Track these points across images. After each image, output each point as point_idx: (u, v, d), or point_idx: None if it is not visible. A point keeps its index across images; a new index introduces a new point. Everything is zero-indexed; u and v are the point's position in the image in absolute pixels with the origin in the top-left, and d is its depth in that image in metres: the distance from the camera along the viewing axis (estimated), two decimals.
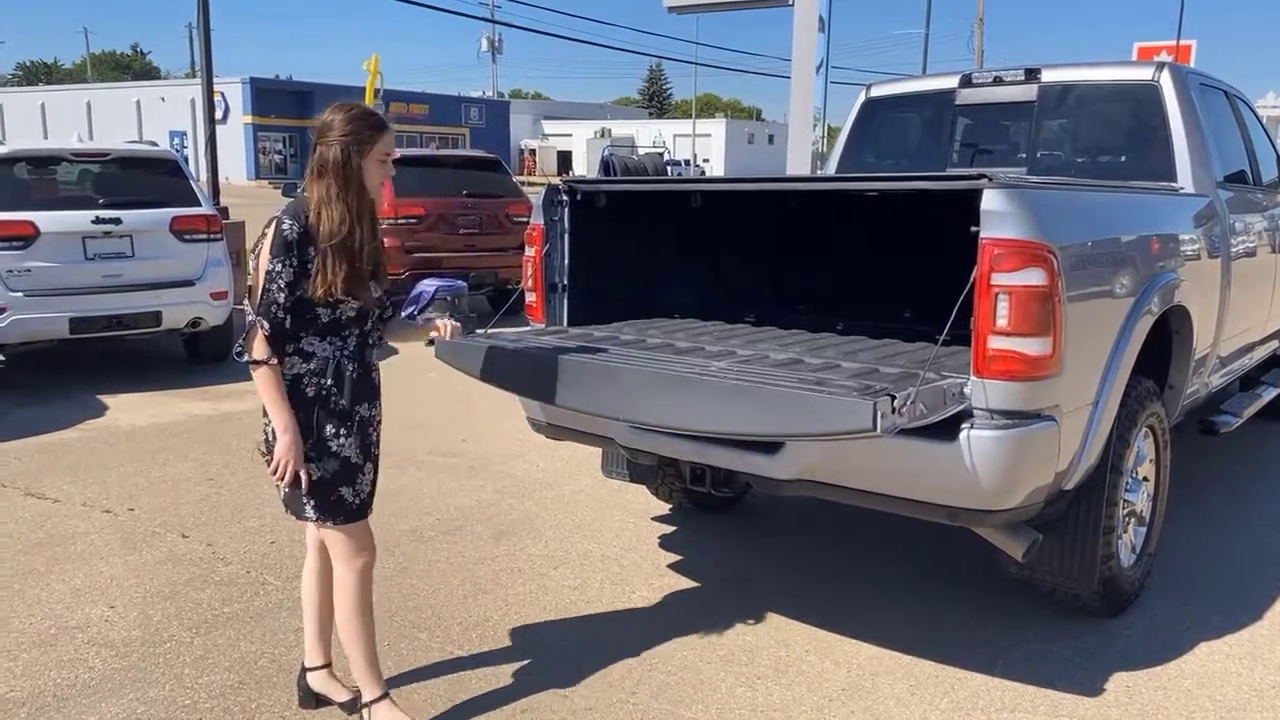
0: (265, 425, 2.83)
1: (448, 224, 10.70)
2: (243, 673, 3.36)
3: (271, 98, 48.42)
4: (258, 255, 2.80)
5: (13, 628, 3.67)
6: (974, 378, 3.00)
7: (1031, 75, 5.21)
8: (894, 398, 2.68)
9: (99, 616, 3.77)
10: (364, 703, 2.98)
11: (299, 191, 2.99)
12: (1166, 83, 4.75)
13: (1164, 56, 21.73)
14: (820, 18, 10.26)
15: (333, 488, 2.84)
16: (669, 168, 44.99)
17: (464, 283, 3.30)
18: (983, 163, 5.41)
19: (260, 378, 2.76)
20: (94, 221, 7.33)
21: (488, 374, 3.51)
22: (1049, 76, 5.18)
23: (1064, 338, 3.00)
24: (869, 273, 5.05)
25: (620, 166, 37.83)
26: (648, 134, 60.71)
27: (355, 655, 2.96)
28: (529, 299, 4.21)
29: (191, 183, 8.21)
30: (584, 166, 57.02)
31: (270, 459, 2.80)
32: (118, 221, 7.40)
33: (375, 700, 2.97)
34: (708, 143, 61.89)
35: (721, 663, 3.49)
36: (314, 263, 2.73)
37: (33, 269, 7.05)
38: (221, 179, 14.16)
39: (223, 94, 41.64)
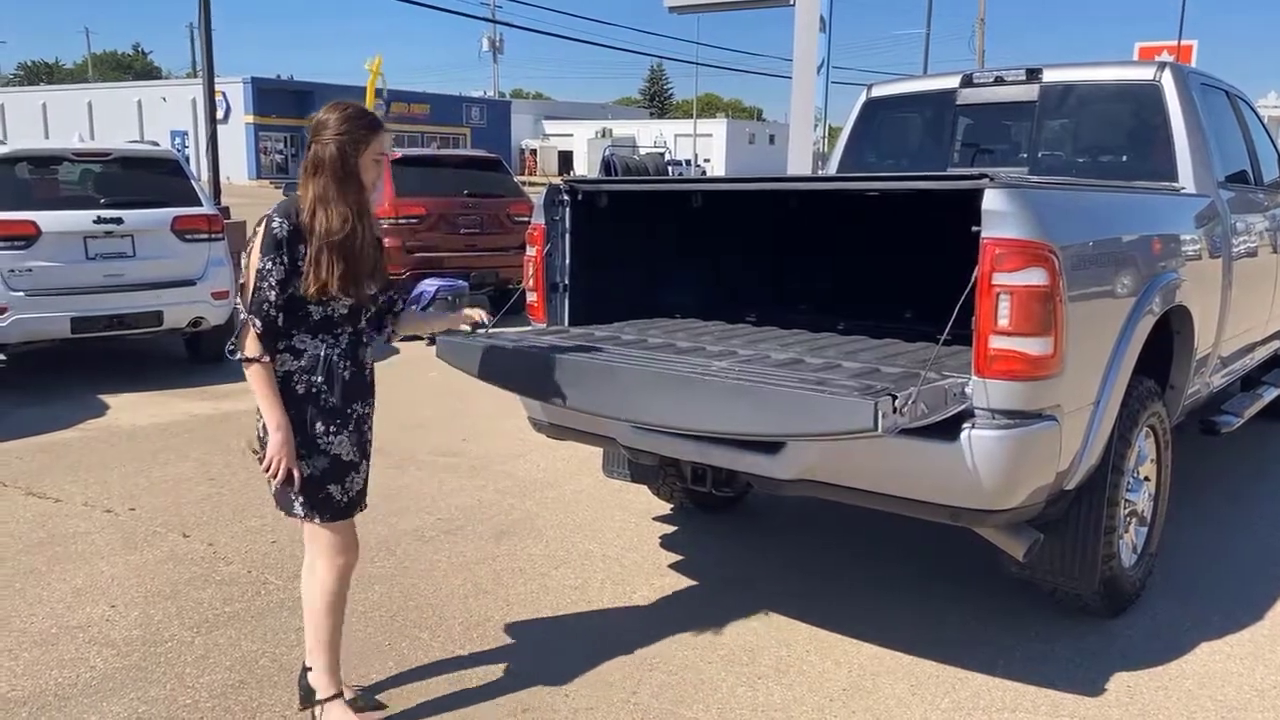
0: (259, 422, 2.84)
1: (449, 224, 10.70)
2: (244, 672, 3.36)
3: (272, 97, 48.48)
4: (249, 254, 2.81)
5: (14, 627, 3.68)
6: (975, 377, 3.00)
7: (1033, 75, 5.21)
8: (895, 397, 2.67)
9: (100, 616, 3.78)
10: (317, 699, 2.99)
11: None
12: (1168, 82, 4.75)
13: (1165, 56, 21.71)
14: (821, 18, 10.27)
15: (321, 485, 2.85)
16: (670, 168, 44.97)
17: (465, 282, 3.30)
18: (984, 163, 5.41)
19: (253, 375, 2.77)
20: (95, 221, 7.34)
21: (488, 374, 3.51)
22: (1050, 76, 5.18)
23: (1065, 337, 2.99)
24: (870, 273, 5.05)
25: (621, 166, 37.80)
26: (649, 134, 60.65)
27: (318, 652, 2.97)
28: (530, 299, 4.21)
29: (193, 182, 8.22)
30: (585, 166, 57.00)
31: (261, 456, 2.81)
32: (119, 221, 7.41)
33: (329, 699, 2.98)
34: (709, 143, 61.90)
35: (722, 662, 3.49)
36: (304, 260, 2.74)
37: (34, 269, 7.06)
38: (223, 179, 14.18)
39: (224, 94, 41.69)
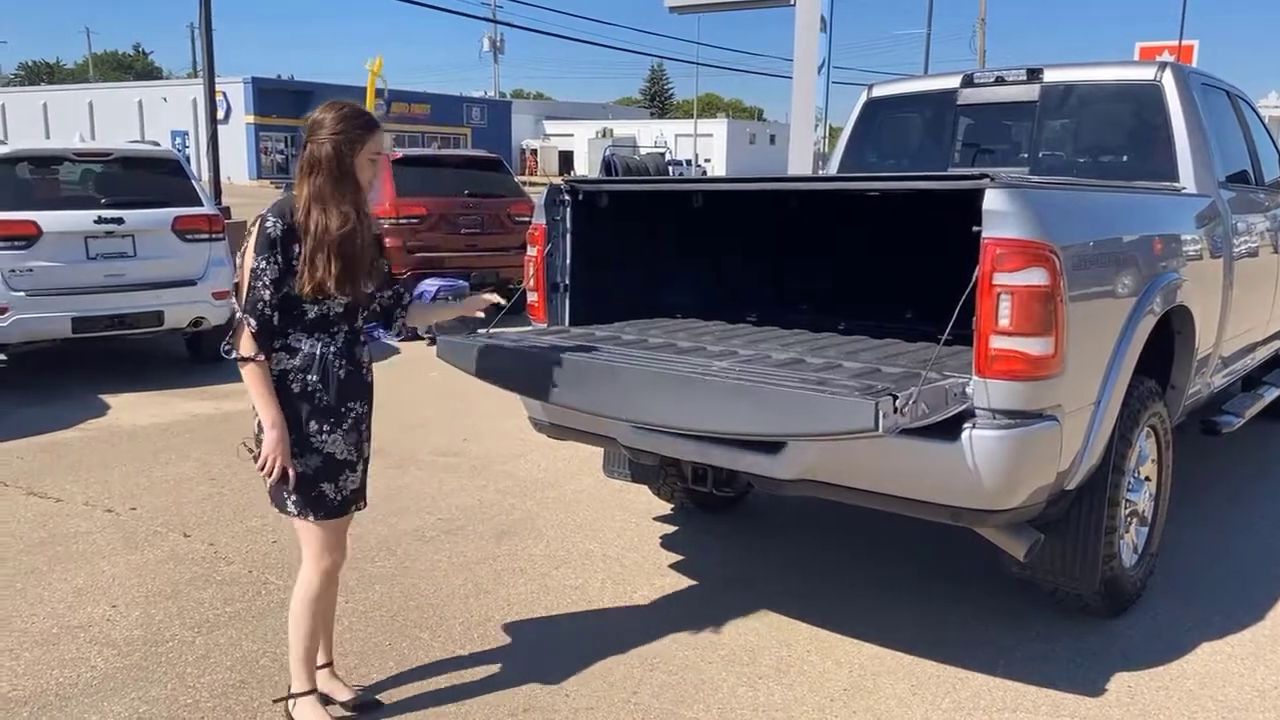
0: (255, 421, 2.84)
1: (449, 224, 10.69)
2: (244, 672, 3.36)
3: (273, 97, 48.48)
4: (243, 253, 2.81)
5: (15, 627, 3.68)
6: (976, 377, 3.00)
7: (1033, 75, 5.21)
8: (896, 397, 2.67)
9: (101, 616, 3.78)
10: (290, 693, 3.00)
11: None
12: (1169, 82, 4.75)
13: (1166, 56, 21.72)
14: (822, 18, 10.27)
15: (315, 483, 2.85)
16: (670, 168, 44.99)
17: (465, 282, 3.31)
18: (984, 163, 5.41)
19: (248, 374, 2.78)
20: (96, 221, 7.35)
21: (489, 373, 3.51)
22: (1051, 76, 5.17)
23: (1066, 337, 2.99)
24: (871, 273, 5.05)
25: (622, 166, 37.83)
26: (649, 134, 60.71)
27: (296, 648, 2.96)
28: (531, 298, 4.21)
29: (193, 182, 8.22)
30: (585, 166, 57.00)
31: (256, 454, 2.82)
32: (120, 221, 7.41)
33: (302, 694, 2.98)
34: (709, 143, 61.89)
35: (723, 662, 3.49)
36: (299, 259, 2.74)
37: (35, 268, 7.07)
38: (223, 178, 14.21)
39: (224, 94, 41.73)
